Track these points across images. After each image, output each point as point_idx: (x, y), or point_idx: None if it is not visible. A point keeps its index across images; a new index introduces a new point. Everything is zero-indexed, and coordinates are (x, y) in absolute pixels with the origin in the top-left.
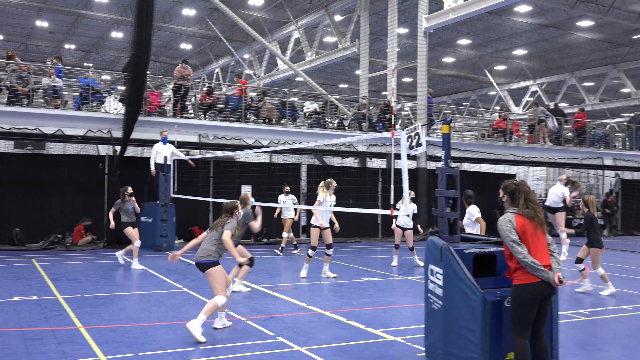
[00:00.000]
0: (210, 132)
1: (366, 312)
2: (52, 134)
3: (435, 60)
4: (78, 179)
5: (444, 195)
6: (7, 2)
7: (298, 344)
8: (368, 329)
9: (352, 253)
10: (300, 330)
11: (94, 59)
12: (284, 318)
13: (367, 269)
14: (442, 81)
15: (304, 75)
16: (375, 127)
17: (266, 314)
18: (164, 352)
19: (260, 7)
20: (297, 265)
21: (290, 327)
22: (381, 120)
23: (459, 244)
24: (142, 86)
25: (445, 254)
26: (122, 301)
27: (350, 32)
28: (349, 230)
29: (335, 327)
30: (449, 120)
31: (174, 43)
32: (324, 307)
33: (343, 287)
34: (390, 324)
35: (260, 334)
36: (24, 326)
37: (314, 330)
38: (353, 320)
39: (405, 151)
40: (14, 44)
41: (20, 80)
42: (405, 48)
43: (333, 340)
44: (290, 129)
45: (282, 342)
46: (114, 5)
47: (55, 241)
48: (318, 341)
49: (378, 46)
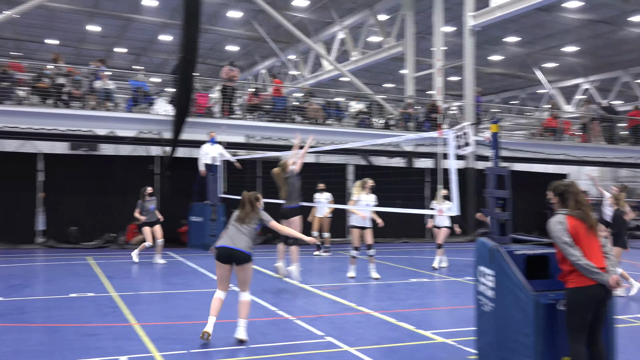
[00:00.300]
0: (257, 133)
1: (416, 313)
2: (105, 135)
3: (483, 58)
4: (130, 179)
5: (493, 195)
6: (62, 8)
7: (347, 344)
8: (418, 330)
9: (399, 254)
10: (349, 331)
11: (143, 62)
12: (332, 318)
13: (416, 269)
14: (490, 79)
15: (349, 75)
16: (422, 127)
17: (314, 314)
18: (214, 350)
19: (305, 7)
20: (344, 265)
21: (339, 327)
22: (428, 119)
23: (509, 245)
24: (190, 88)
25: (495, 256)
26: (174, 299)
27: (395, 31)
28: (396, 231)
29: (385, 328)
30: (498, 119)
31: (221, 45)
32: (372, 307)
33: (392, 288)
34: (441, 325)
35: (308, 333)
36: (81, 322)
37: (363, 330)
38: (402, 321)
39: (453, 151)
40: (68, 48)
41: (74, 83)
42: (451, 46)
43: (382, 341)
44: (336, 129)
45: (331, 342)
46: (162, 8)
47: (109, 240)
48: (367, 342)
49: (424, 45)
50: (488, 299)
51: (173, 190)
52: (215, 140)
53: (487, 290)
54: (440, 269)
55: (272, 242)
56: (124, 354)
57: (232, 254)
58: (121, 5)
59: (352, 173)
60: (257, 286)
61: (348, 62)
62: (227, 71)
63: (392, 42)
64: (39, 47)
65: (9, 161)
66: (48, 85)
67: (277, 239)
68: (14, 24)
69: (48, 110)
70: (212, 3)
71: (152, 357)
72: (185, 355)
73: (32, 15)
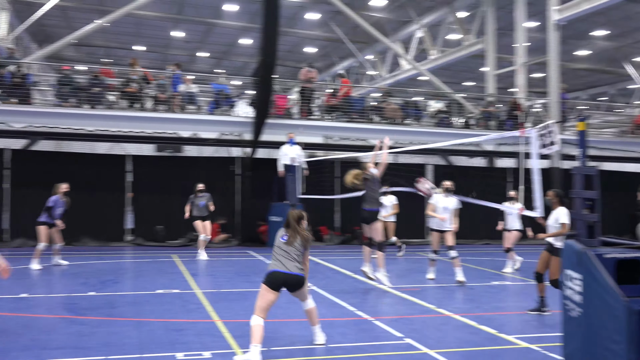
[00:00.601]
0: (335, 134)
1: (498, 316)
2: (189, 137)
3: (568, 53)
4: (212, 179)
5: (581, 196)
6: (148, 15)
7: (427, 347)
8: (500, 334)
9: (481, 255)
10: (428, 333)
11: (225, 65)
12: (411, 319)
13: (497, 272)
14: (576, 75)
15: (428, 74)
16: (504, 126)
17: (393, 315)
18: (294, 348)
19: (382, 7)
20: (422, 266)
21: (419, 329)
22: (510, 118)
23: (598, 248)
24: (270, 90)
25: (584, 259)
26: (255, 297)
27: (475, 28)
28: (478, 233)
29: (466, 331)
30: (585, 117)
31: (299, 47)
32: (452, 310)
33: (473, 291)
34: (524, 330)
35: (387, 334)
36: (167, 317)
37: (443, 333)
38: (484, 324)
39: (536, 150)
40: (154, 54)
41: (159, 87)
42: (534, 42)
43: (463, 345)
44: (414, 128)
45: (411, 343)
46: (243, 13)
47: (193, 239)
48: (447, 344)
49: (505, 41)
50: (575, 304)
51: (253, 191)
52: (294, 141)
53: (575, 295)
54: (515, 271)
55: (350, 242)
56: (207, 349)
57: (287, 280)
58: (204, 11)
59: (431, 173)
60: (336, 286)
61: (426, 60)
62: (306, 72)
63: (472, 39)
64: (127, 53)
65: (100, 163)
66: (136, 90)
67: (355, 239)
68: (105, 32)
69: (136, 113)
70: (291, 6)
71: (234, 353)
72: (266, 353)
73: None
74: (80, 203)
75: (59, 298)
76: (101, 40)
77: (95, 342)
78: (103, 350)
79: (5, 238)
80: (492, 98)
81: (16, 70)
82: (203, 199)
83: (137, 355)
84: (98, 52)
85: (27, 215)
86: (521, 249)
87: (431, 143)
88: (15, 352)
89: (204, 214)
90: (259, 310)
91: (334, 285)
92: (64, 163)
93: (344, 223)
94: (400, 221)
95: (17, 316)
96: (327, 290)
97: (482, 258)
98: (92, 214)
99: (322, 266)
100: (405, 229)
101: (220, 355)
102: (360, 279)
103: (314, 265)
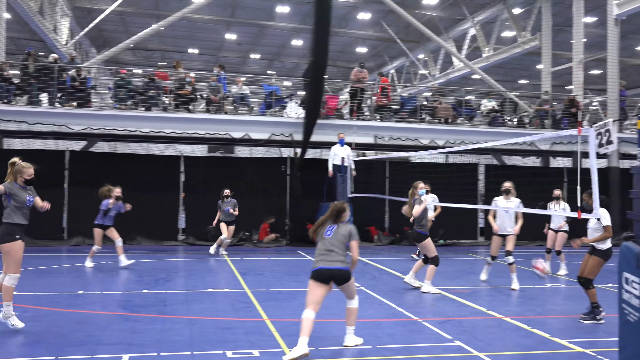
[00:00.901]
0: (386, 133)
1: (551, 320)
2: (240, 138)
3: (628, 49)
4: (263, 180)
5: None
6: (202, 18)
7: (477, 349)
8: (553, 338)
9: (534, 257)
10: (479, 335)
11: (276, 67)
12: (461, 321)
13: (551, 274)
14: (636, 72)
15: (480, 72)
16: (560, 124)
17: (443, 317)
18: (343, 348)
19: (435, 5)
20: (474, 268)
21: (468, 331)
22: (566, 116)
23: None
24: (321, 90)
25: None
26: (303, 297)
27: (530, 24)
28: (531, 234)
29: (517, 334)
30: None
31: (350, 47)
32: (504, 312)
33: (525, 293)
34: (579, 334)
35: (437, 336)
36: (217, 315)
37: (494, 336)
38: (537, 328)
39: (594, 149)
40: (207, 56)
41: (212, 89)
42: (592, 38)
43: (514, 348)
44: (466, 128)
45: (460, 346)
46: (294, 14)
47: (243, 238)
48: (498, 348)
49: (561, 38)
50: (633, 309)
51: (303, 191)
52: (344, 142)
53: (633, 299)
54: (561, 277)
55: (400, 242)
56: (256, 348)
57: (334, 274)
58: (256, 13)
59: (483, 173)
60: (385, 287)
61: (480, 59)
62: (356, 72)
63: (527, 36)
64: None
65: (155, 163)
66: (189, 92)
67: (405, 240)
68: (160, 36)
69: (189, 115)
70: (342, 6)
71: (282, 352)
72: (314, 353)
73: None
74: (135, 203)
75: (114, 295)
76: (157, 44)
77: (148, 338)
78: (155, 347)
79: (64, 236)
80: (548, 96)
81: (76, 75)
82: (229, 205)
83: (188, 352)
84: (154, 55)
85: (84, 214)
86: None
87: (483, 142)
88: (71, 347)
89: (230, 219)
90: (309, 303)
91: (383, 286)
92: (119, 163)
93: (394, 223)
94: (451, 222)
95: (73, 312)
96: (375, 291)
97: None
98: (147, 214)
99: (370, 266)
100: (456, 230)
101: (268, 354)
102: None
103: (362, 265)
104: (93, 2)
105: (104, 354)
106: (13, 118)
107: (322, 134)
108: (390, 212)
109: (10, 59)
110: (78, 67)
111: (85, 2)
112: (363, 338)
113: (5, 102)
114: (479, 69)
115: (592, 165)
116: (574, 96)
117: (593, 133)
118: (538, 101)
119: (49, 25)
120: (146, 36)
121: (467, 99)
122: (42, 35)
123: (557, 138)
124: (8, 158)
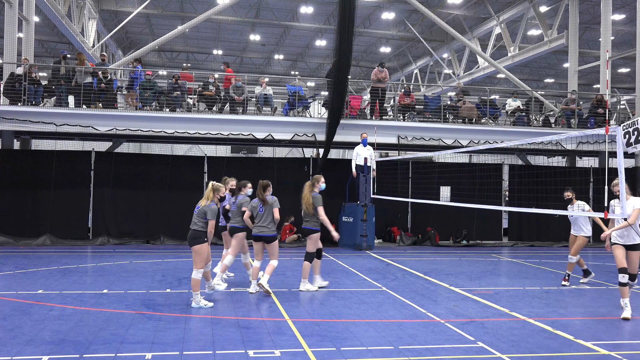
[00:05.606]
0: (409, 133)
1: (576, 322)
2: (263, 138)
3: None
4: (286, 180)
5: None
6: (226, 20)
7: (500, 351)
8: (578, 340)
9: (559, 258)
10: (501, 337)
11: (299, 67)
12: (484, 323)
13: (576, 275)
14: None
15: (505, 71)
16: (586, 124)
17: (466, 318)
18: (364, 349)
19: (459, 4)
20: (496, 269)
21: (491, 332)
22: (593, 115)
23: None
24: (344, 91)
25: None
26: (325, 297)
27: (557, 22)
28: (556, 235)
29: (541, 336)
30: None
31: (374, 47)
32: (527, 314)
33: (549, 294)
34: (604, 336)
35: (459, 337)
36: (240, 315)
37: (517, 337)
38: (560, 329)
39: (621, 149)
40: (231, 57)
41: (236, 90)
42: (621, 35)
43: (538, 350)
44: (491, 127)
45: (483, 347)
46: (318, 15)
47: None
48: (521, 349)
49: (589, 36)
50: None
51: (326, 191)
52: (367, 142)
53: None
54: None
55: (422, 243)
56: (278, 347)
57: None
58: (280, 14)
59: (507, 173)
60: (406, 287)
61: (505, 58)
62: (377, 72)
63: (554, 34)
64: (206, 57)
65: (179, 164)
66: (212, 93)
67: (427, 240)
68: (185, 37)
69: (213, 116)
70: (366, 6)
71: (304, 352)
72: (335, 353)
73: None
74: (159, 203)
75: (138, 294)
76: (182, 46)
77: (171, 337)
78: (178, 345)
79: (89, 236)
80: (574, 95)
81: (102, 76)
82: None
83: (210, 351)
84: (179, 57)
85: (108, 214)
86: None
87: (507, 142)
88: (96, 345)
89: None
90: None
91: (405, 287)
92: (144, 164)
93: (416, 224)
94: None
95: (98, 311)
96: (397, 292)
97: (560, 261)
98: (170, 214)
99: (392, 267)
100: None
101: (290, 353)
102: (432, 280)
103: (384, 265)
104: (119, 4)
105: (128, 353)
106: (41, 119)
107: (345, 134)
108: (412, 212)
109: (39, 61)
110: (104, 69)
111: (111, 4)
112: (385, 339)
113: (34, 104)
114: (504, 68)
115: (619, 165)
116: (601, 95)
117: (621, 132)
118: (564, 100)
119: (76, 28)
120: (171, 38)
121: (492, 99)
122: (70, 38)
123: (583, 137)
124: (36, 158)
